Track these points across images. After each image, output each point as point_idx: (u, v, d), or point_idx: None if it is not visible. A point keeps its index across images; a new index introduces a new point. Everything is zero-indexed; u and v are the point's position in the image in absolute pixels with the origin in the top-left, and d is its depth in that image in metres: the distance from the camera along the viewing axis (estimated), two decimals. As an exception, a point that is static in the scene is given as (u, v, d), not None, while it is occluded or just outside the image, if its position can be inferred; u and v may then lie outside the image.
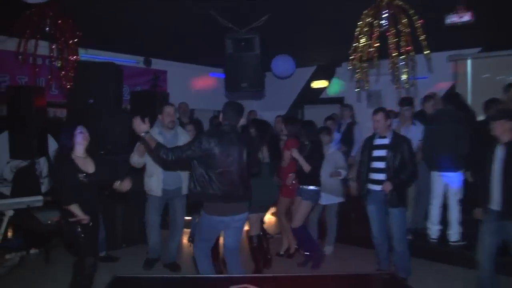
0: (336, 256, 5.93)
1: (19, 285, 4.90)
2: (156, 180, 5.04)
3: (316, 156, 5.30)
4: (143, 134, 3.87)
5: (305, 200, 5.31)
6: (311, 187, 5.29)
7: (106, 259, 5.51)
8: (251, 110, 8.95)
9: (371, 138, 4.99)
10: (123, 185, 4.11)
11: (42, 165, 6.41)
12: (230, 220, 3.95)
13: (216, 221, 3.94)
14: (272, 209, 6.46)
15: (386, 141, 4.83)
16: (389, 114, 4.97)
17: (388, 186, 4.67)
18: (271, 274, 4.65)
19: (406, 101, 6.02)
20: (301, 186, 5.36)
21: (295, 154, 5.24)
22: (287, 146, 5.45)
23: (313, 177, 5.30)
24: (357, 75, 4.94)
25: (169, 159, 3.79)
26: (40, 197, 4.99)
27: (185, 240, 6.40)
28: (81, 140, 3.96)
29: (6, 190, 6.24)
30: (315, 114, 9.40)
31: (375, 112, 4.88)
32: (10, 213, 4.79)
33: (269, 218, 7.13)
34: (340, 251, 6.07)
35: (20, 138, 5.76)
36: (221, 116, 4.04)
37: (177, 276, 4.16)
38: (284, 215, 5.83)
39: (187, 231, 6.34)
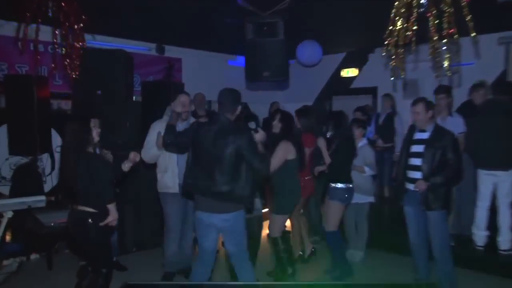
0: (368, 264, 5.75)
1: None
2: (171, 175, 4.96)
3: (344, 150, 5.13)
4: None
5: (332, 200, 5.15)
6: (339, 185, 5.11)
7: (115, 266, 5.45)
8: (274, 102, 8.86)
9: (411, 131, 4.80)
10: (131, 157, 4.21)
11: (45, 162, 6.39)
12: (208, 217, 3.96)
13: (197, 217, 4.05)
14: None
15: (425, 135, 4.62)
16: (430, 105, 4.74)
17: (422, 185, 4.48)
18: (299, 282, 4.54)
19: (441, 89, 5.80)
20: (329, 185, 5.20)
21: (321, 143, 5.10)
22: (305, 143, 5.29)
23: (341, 174, 5.12)
24: (392, 62, 4.74)
25: (167, 142, 4.13)
26: (42, 197, 4.88)
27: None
28: (95, 135, 4.01)
29: (5, 190, 6.24)
30: (345, 106, 9.29)
31: (415, 103, 4.67)
32: (9, 214, 4.68)
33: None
34: (372, 258, 5.88)
35: (20, 132, 5.70)
36: (217, 105, 4.12)
37: (195, 284, 4.05)
38: (296, 216, 5.74)
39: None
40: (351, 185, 5.15)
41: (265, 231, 6.64)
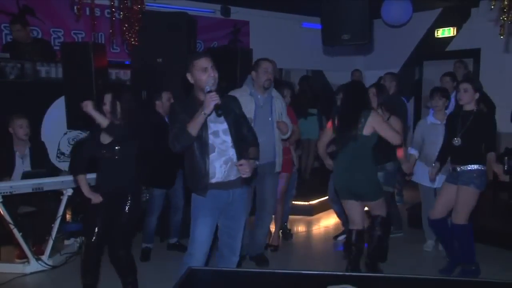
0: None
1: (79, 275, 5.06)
2: None
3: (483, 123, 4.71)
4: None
5: (464, 185, 4.65)
6: (473, 167, 4.65)
7: (176, 247, 5.61)
8: (355, 69, 8.72)
9: None
10: None
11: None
12: None
13: None
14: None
15: None
16: None
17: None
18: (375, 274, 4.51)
19: None
20: (457, 167, 4.76)
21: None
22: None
23: (477, 152, 4.70)
24: (503, 16, 4.51)
25: None
26: (104, 174, 5.10)
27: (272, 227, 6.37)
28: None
29: (64, 166, 6.46)
30: (437, 72, 8.94)
31: None
32: (69, 192, 4.94)
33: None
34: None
35: (78, 105, 5.93)
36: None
37: (262, 271, 4.10)
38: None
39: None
40: (484, 167, 4.70)
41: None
